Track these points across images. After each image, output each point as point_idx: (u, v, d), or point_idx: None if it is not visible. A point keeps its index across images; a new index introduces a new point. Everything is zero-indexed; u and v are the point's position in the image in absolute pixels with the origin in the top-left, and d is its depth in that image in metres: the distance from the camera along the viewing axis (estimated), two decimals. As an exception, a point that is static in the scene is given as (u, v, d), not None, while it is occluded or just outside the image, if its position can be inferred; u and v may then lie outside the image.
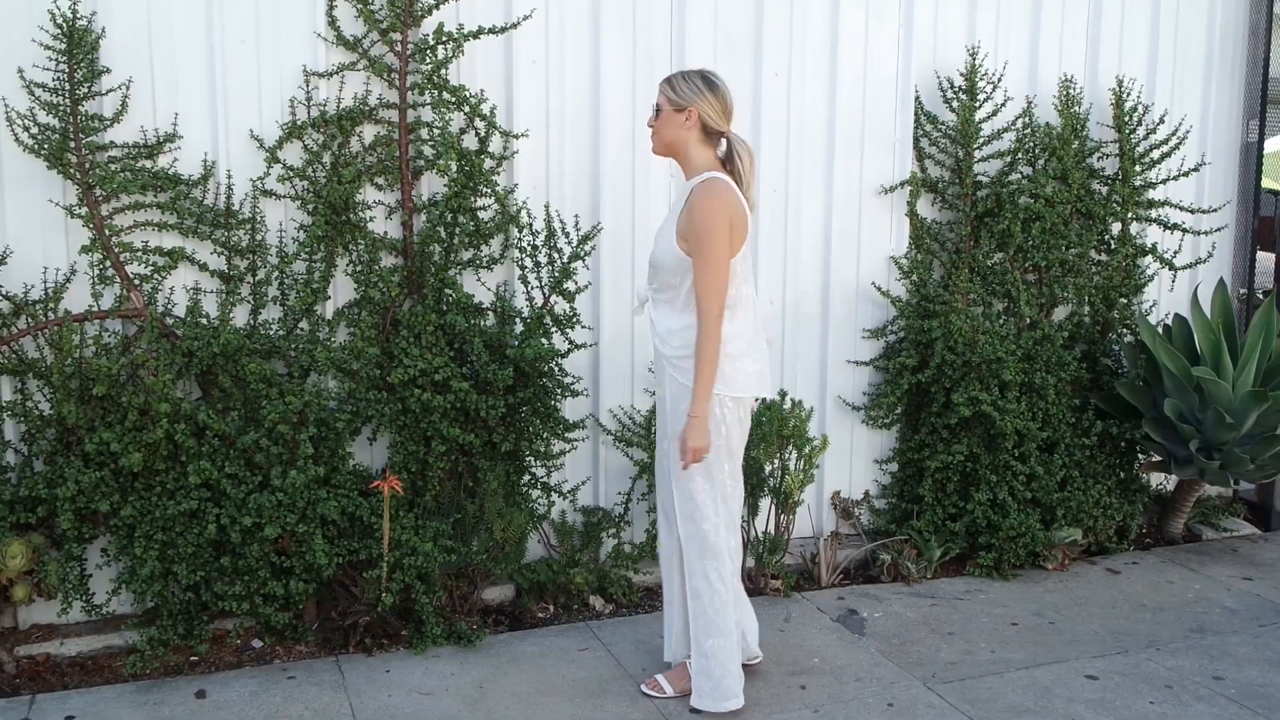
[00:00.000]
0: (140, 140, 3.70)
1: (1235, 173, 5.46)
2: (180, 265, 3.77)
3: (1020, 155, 4.82)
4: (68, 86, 3.57)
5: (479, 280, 4.12)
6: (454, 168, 3.89)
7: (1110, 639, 3.98)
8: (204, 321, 3.74)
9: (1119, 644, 3.94)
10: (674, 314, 3.26)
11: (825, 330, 4.73)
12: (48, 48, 3.54)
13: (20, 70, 3.56)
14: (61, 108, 3.57)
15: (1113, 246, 5.01)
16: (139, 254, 3.70)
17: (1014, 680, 3.65)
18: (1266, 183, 6.45)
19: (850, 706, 3.44)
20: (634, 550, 4.30)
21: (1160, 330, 4.93)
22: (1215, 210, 5.31)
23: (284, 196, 3.88)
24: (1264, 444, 4.54)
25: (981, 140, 4.77)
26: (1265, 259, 5.64)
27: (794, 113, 4.56)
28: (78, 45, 3.54)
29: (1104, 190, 5.03)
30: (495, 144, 4.09)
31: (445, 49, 3.91)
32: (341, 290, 3.99)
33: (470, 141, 4.03)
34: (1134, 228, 5.09)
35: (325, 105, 3.86)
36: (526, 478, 4.12)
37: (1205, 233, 5.30)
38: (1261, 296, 5.40)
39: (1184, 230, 5.12)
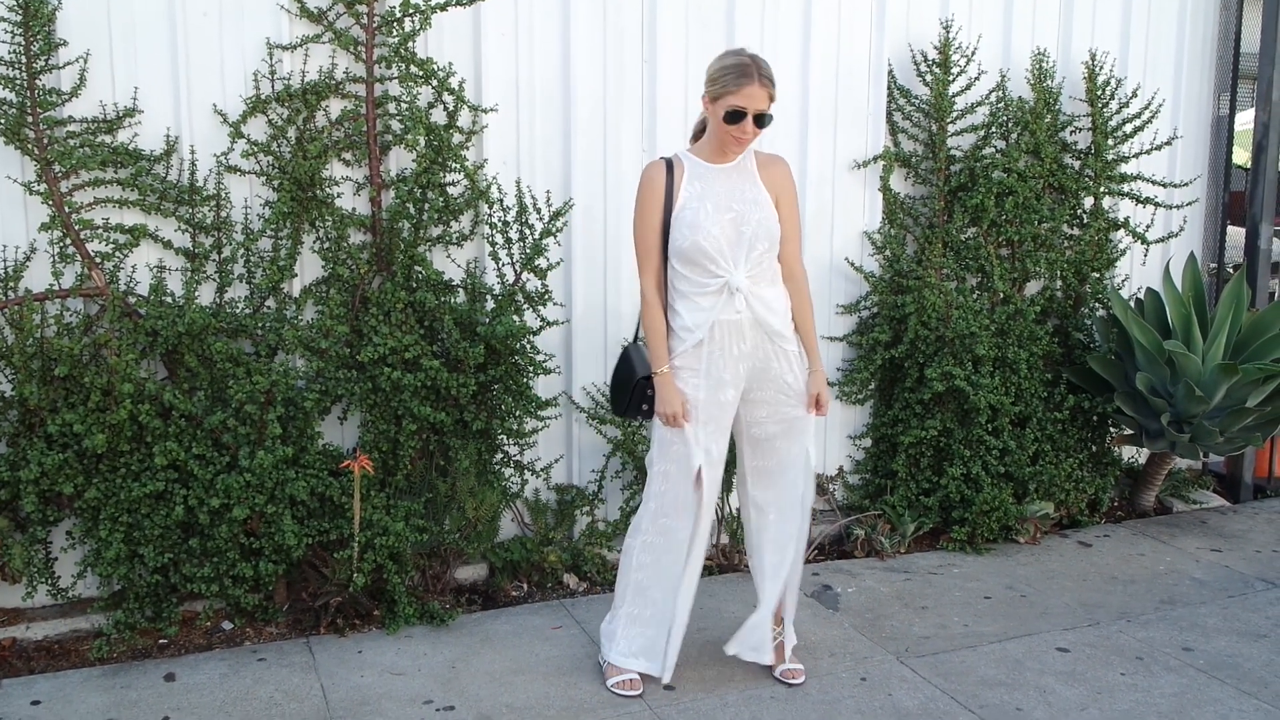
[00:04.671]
0: (100, 115, 3.62)
1: (1207, 147, 5.47)
2: (143, 243, 3.70)
3: (994, 129, 4.80)
4: (24, 59, 3.48)
5: (449, 257, 4.07)
6: (422, 142, 3.84)
7: (1081, 611, 4.01)
8: (168, 300, 3.67)
9: (1090, 616, 3.97)
10: (773, 287, 3.26)
11: (799, 306, 4.71)
12: (2, 19, 3.45)
13: (-26, 43, 3.47)
14: (18, 81, 3.48)
15: (1085, 221, 5.02)
16: (100, 231, 3.63)
17: (986, 653, 3.66)
18: (1238, 157, 6.47)
19: (824, 681, 3.45)
20: (608, 528, 4.29)
21: (1132, 304, 4.95)
22: (1187, 184, 5.32)
23: (249, 172, 3.81)
24: (1233, 416, 4.57)
25: (955, 114, 4.75)
26: (1236, 233, 5.66)
27: (767, 86, 4.51)
28: (34, 16, 3.45)
29: (1076, 164, 5.03)
30: (464, 118, 4.03)
31: (412, 21, 3.85)
32: (309, 268, 3.93)
33: (439, 116, 3.97)
34: (1106, 202, 5.09)
35: (289, 79, 3.79)
36: (499, 456, 4.09)
37: (1177, 207, 5.31)
38: (1232, 271, 5.43)
39: (1156, 204, 5.13)
